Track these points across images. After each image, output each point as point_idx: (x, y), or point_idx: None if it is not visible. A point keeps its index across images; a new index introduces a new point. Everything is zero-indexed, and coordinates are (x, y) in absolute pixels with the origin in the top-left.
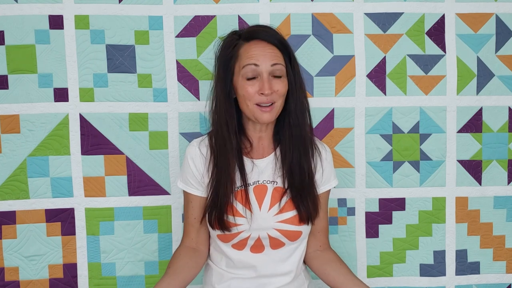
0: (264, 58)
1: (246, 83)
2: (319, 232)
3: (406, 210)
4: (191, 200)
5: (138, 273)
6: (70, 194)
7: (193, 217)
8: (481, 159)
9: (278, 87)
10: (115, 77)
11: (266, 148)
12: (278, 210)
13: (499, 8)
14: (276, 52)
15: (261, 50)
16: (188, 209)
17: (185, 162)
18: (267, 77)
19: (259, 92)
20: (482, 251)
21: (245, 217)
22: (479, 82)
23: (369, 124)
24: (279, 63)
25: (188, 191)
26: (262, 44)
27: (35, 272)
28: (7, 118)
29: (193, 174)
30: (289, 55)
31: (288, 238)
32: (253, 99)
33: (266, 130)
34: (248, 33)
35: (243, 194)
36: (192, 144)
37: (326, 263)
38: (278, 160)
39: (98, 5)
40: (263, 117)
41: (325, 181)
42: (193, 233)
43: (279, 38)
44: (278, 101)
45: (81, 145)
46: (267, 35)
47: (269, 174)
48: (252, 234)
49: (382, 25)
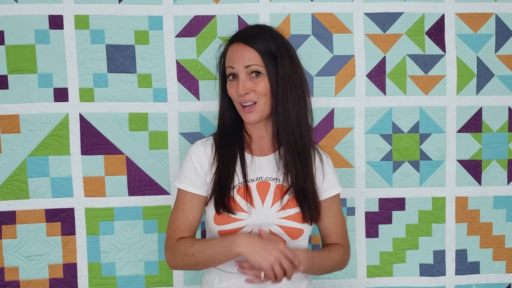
0: (238, 61)
1: (229, 84)
2: (332, 236)
3: (406, 210)
4: (191, 199)
5: (138, 273)
6: (70, 194)
7: (192, 216)
8: (481, 159)
9: (255, 87)
10: (115, 77)
11: (268, 146)
12: (281, 207)
13: (499, 8)
14: (252, 52)
15: (237, 53)
16: (186, 207)
17: (188, 161)
18: (243, 78)
19: (236, 92)
20: (482, 251)
21: (247, 212)
22: (479, 82)
23: (369, 124)
24: (253, 64)
25: (189, 190)
26: (239, 46)
27: (35, 272)
28: (7, 118)
29: (196, 172)
30: (273, 55)
31: (290, 235)
32: (236, 99)
33: (265, 130)
34: (234, 35)
35: (245, 189)
36: (196, 144)
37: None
38: (281, 159)
39: (98, 5)
40: (247, 117)
41: (328, 187)
42: (191, 232)
43: (261, 39)
44: (260, 101)
45: (81, 145)
46: (245, 36)
47: (272, 171)
48: (254, 230)
49: (382, 25)
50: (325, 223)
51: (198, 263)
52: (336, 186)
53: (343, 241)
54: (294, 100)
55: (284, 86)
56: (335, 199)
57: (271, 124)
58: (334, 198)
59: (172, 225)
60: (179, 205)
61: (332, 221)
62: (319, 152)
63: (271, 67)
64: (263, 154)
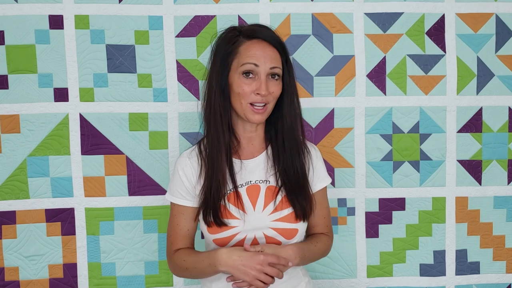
0: (264, 60)
1: (243, 81)
2: (317, 226)
3: (406, 210)
4: (183, 212)
5: (138, 273)
6: (70, 194)
7: (186, 229)
8: (481, 159)
9: (274, 89)
10: (115, 77)
11: (256, 148)
12: (273, 209)
13: (499, 8)
14: (276, 54)
15: (262, 51)
16: (180, 221)
17: (176, 175)
18: (265, 78)
19: (255, 92)
20: (482, 251)
21: (240, 219)
22: (479, 82)
23: (369, 124)
24: (277, 66)
25: (180, 203)
26: (263, 44)
27: (35, 272)
28: (7, 118)
29: (184, 185)
30: (286, 58)
31: (284, 236)
32: (248, 98)
33: (256, 131)
34: (250, 31)
35: (235, 196)
36: (182, 156)
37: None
38: (269, 159)
39: (98, 5)
40: (254, 118)
41: (318, 179)
42: (188, 243)
43: (279, 40)
44: (271, 103)
45: (81, 145)
46: (268, 35)
47: (261, 173)
48: (248, 235)
49: (382, 25)
50: (312, 215)
51: (194, 276)
52: (325, 178)
53: (329, 230)
54: (295, 103)
55: (292, 90)
56: (323, 191)
57: (262, 125)
58: (322, 190)
59: (169, 238)
60: (173, 219)
61: (320, 214)
62: (306, 146)
63: (285, 71)
64: (250, 156)
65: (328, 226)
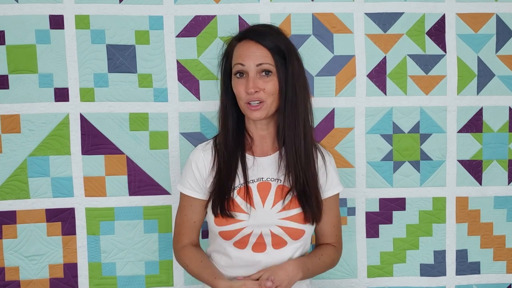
0: (249, 58)
1: (237, 82)
2: (325, 236)
3: (407, 210)
4: (191, 204)
5: (138, 273)
6: (70, 194)
7: (192, 221)
8: (482, 159)
9: (265, 86)
10: (115, 77)
11: (270, 147)
12: (282, 207)
13: (499, 8)
14: (264, 51)
15: (247, 50)
16: (188, 212)
17: (188, 166)
18: (252, 76)
19: (245, 90)
20: (483, 251)
21: (247, 213)
22: (479, 82)
23: (370, 124)
24: (265, 63)
25: (189, 194)
26: (250, 43)
27: (35, 272)
28: (7, 118)
29: (196, 178)
30: (283, 54)
31: (290, 236)
32: (243, 97)
33: (267, 129)
34: (241, 33)
35: (245, 191)
36: (196, 149)
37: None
38: (283, 159)
39: (98, 5)
40: (252, 115)
41: (330, 186)
42: (194, 235)
43: (271, 38)
44: (267, 100)
45: (81, 145)
46: (255, 34)
47: (273, 172)
48: (254, 231)
49: (382, 25)
50: (322, 222)
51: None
52: (338, 185)
53: (337, 241)
54: (301, 100)
55: (294, 86)
56: (335, 198)
57: (273, 123)
58: (334, 197)
59: (177, 228)
60: (182, 209)
61: (329, 221)
62: (321, 151)
63: (281, 67)
64: (264, 154)
65: (337, 236)
